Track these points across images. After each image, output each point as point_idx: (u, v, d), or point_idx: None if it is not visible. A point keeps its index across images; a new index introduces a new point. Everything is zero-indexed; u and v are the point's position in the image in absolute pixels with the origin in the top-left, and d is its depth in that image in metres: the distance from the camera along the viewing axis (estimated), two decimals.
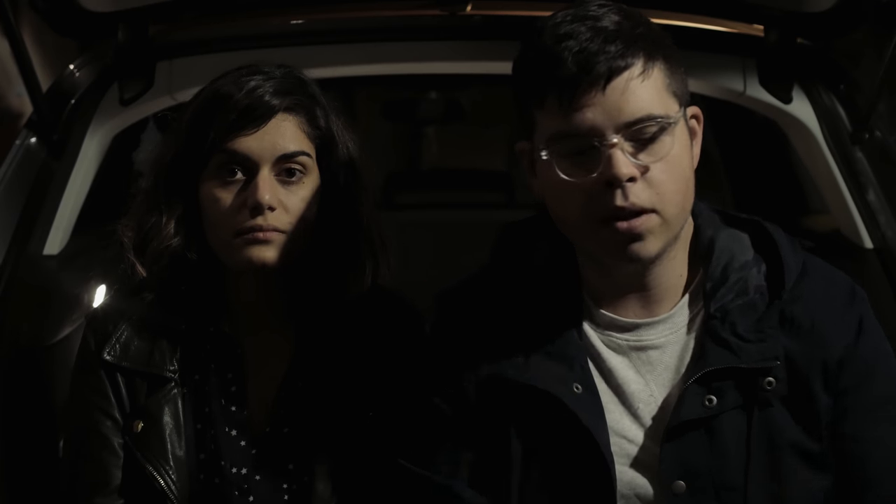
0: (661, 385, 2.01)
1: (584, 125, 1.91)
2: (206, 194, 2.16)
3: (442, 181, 4.62)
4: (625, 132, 1.91)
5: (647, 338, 2.03)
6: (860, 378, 2.00)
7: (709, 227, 2.06)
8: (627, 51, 1.90)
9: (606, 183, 1.91)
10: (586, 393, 1.99)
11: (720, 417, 1.97)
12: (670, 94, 1.94)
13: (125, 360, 2.21)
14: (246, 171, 2.14)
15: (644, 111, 1.91)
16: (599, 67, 1.89)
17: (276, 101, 2.14)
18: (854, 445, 1.99)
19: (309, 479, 2.17)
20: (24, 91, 2.89)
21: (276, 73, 2.19)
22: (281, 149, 2.14)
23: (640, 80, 1.91)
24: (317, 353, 2.22)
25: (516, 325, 2.04)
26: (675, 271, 2.03)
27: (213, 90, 2.18)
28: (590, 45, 1.90)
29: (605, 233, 1.93)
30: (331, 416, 2.18)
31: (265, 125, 2.13)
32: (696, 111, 2.03)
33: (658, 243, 1.95)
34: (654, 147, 1.92)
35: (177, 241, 2.18)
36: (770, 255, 2.04)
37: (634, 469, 2.00)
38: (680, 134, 1.95)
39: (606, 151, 1.90)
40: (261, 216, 2.12)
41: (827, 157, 2.96)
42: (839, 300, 2.03)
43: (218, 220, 2.15)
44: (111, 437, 2.20)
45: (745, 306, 2.00)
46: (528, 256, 2.09)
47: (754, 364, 1.97)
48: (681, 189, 1.94)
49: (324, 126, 2.19)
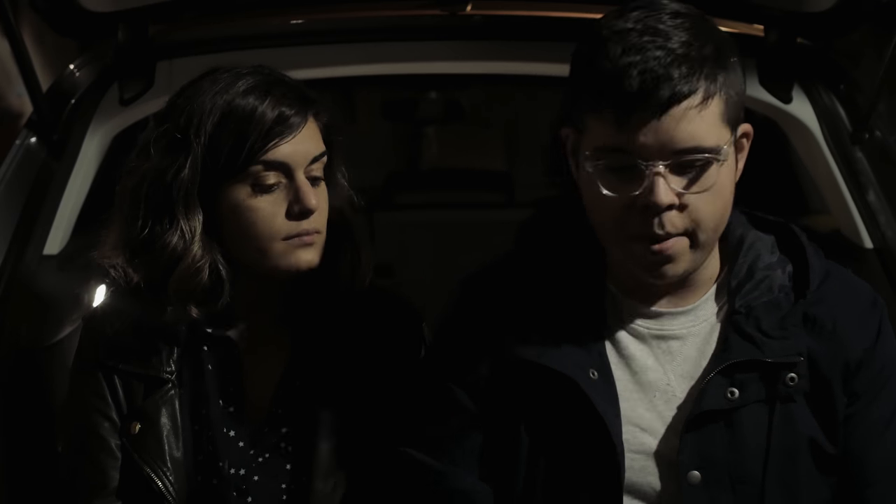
0: (679, 376, 2.02)
1: (634, 146, 1.90)
2: (238, 204, 2.13)
3: (442, 181, 4.63)
4: (672, 160, 1.90)
5: (670, 328, 2.03)
6: (873, 383, 2.02)
7: (738, 226, 2.07)
8: (692, 76, 1.88)
9: (644, 206, 1.91)
10: (601, 379, 1.99)
11: (741, 411, 1.98)
12: (724, 122, 1.93)
13: (122, 361, 2.21)
14: (281, 177, 2.13)
15: (695, 142, 1.90)
16: (662, 93, 1.87)
17: (303, 106, 2.14)
18: (857, 447, 2.00)
19: (307, 478, 2.17)
20: (24, 91, 2.89)
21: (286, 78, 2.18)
22: (313, 152, 2.15)
23: (698, 111, 1.90)
24: (313, 353, 2.22)
25: (538, 310, 2.04)
26: (705, 271, 2.04)
27: (230, 106, 2.13)
28: (657, 67, 1.87)
29: (636, 249, 1.95)
30: (328, 415, 2.18)
31: (302, 129, 2.13)
32: (747, 129, 2.01)
33: (686, 264, 1.96)
34: (699, 178, 1.92)
35: (205, 261, 2.14)
36: (795, 257, 2.06)
37: (647, 458, 2.00)
38: (728, 162, 1.95)
39: (651, 176, 1.90)
40: (307, 221, 2.13)
41: (827, 157, 2.96)
42: (860, 305, 2.05)
43: (257, 228, 2.13)
44: (109, 439, 2.20)
45: (769, 304, 2.01)
46: (555, 241, 2.09)
47: (777, 358, 1.98)
48: (717, 214, 1.95)
49: (327, 120, 2.20)
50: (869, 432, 2.01)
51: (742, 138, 2.01)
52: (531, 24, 3.05)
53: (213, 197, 2.15)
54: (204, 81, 2.17)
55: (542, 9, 3.03)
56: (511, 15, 3.05)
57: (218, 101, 2.14)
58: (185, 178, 2.12)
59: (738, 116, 1.98)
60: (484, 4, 3.03)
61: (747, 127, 2.02)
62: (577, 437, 1.99)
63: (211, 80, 2.17)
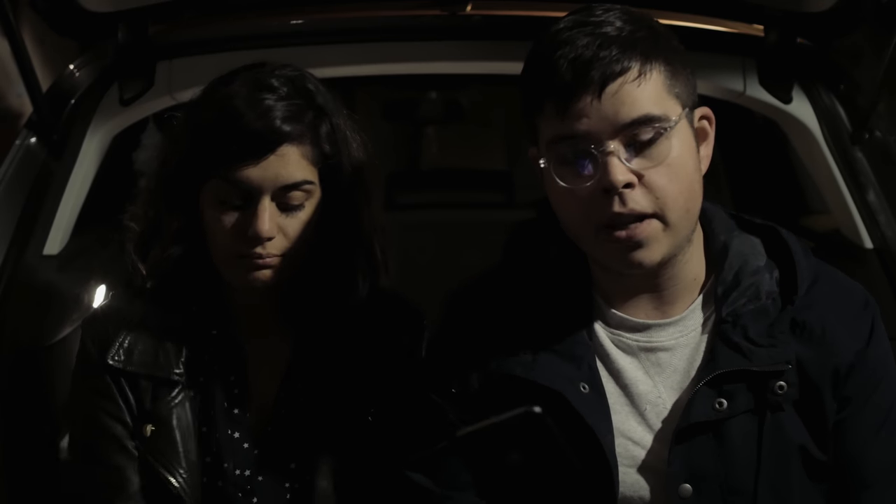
0: (669, 387, 2.01)
1: (579, 132, 1.90)
2: (206, 210, 2.14)
3: (442, 181, 4.62)
4: (621, 137, 1.90)
5: (658, 339, 2.02)
6: (865, 386, 2.00)
7: (722, 231, 2.05)
8: (623, 55, 1.89)
9: (604, 190, 1.90)
10: (592, 393, 1.98)
11: (729, 422, 1.96)
12: (671, 96, 1.93)
13: (130, 364, 2.19)
14: (246, 197, 2.11)
15: (637, 112, 1.89)
16: (593, 74, 1.88)
17: (285, 127, 2.09)
18: (852, 450, 1.99)
19: (311, 478, 2.17)
20: (24, 91, 2.89)
21: (284, 89, 2.13)
22: (283, 180, 2.11)
23: (637, 84, 1.90)
24: (316, 353, 2.21)
25: (525, 324, 2.03)
26: (689, 274, 2.02)
27: (224, 101, 2.12)
28: (585, 51, 1.89)
29: (606, 241, 1.93)
30: (332, 415, 2.18)
31: (271, 155, 2.09)
32: (706, 112, 2.01)
33: (662, 249, 1.94)
34: (653, 151, 1.91)
35: (177, 249, 2.17)
36: (783, 261, 2.04)
37: (639, 471, 1.99)
38: (683, 136, 1.93)
39: (603, 158, 1.89)
40: (260, 245, 2.11)
41: (827, 157, 2.96)
42: (852, 308, 2.03)
43: (218, 240, 2.14)
44: (125, 441, 2.18)
45: (757, 311, 1.99)
46: (540, 255, 2.08)
47: (765, 367, 1.96)
48: (683, 192, 1.93)
49: (328, 146, 2.16)
50: (863, 435, 2.00)
51: (703, 121, 2.00)
52: (531, 24, 3.04)
53: (195, 194, 2.15)
54: (221, 79, 2.18)
55: (543, 9, 3.03)
56: (511, 15, 3.05)
57: (220, 94, 2.14)
58: (171, 167, 2.16)
59: (690, 95, 1.97)
60: (484, 4, 3.03)
61: (706, 111, 2.01)
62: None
63: (227, 79, 2.16)
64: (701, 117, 2.00)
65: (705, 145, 2.00)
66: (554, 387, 1.97)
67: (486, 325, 2.06)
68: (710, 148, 2.01)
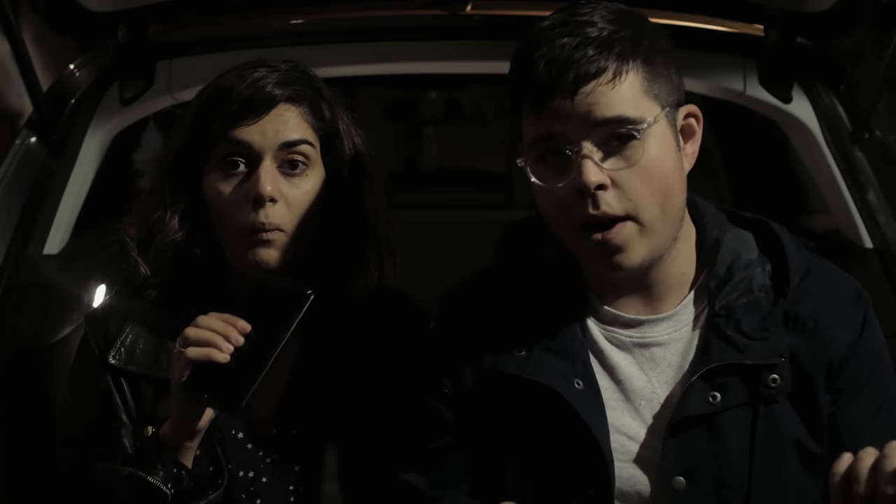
0: (663, 382, 2.02)
1: (555, 132, 1.91)
2: (209, 188, 2.15)
3: (442, 181, 4.62)
4: (595, 138, 1.91)
5: (651, 335, 2.03)
6: (859, 377, 2.01)
7: (714, 226, 2.06)
8: (599, 56, 1.90)
9: (578, 191, 1.91)
10: (587, 389, 1.99)
11: (722, 415, 1.97)
12: (649, 97, 1.93)
13: (131, 363, 2.19)
14: (248, 162, 2.13)
15: (610, 113, 1.90)
16: (567, 75, 1.89)
17: (278, 90, 2.13)
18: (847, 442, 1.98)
19: (316, 480, 2.16)
20: (24, 91, 2.89)
21: (280, 66, 2.18)
22: (283, 137, 2.13)
23: (612, 86, 1.90)
24: (322, 353, 2.21)
25: (519, 322, 2.04)
26: (677, 270, 2.03)
27: (216, 84, 2.17)
28: (562, 52, 1.90)
29: (585, 241, 1.94)
30: (337, 416, 2.17)
31: (267, 114, 2.13)
32: (693, 110, 2.01)
33: (641, 251, 1.95)
34: (627, 152, 1.91)
35: (181, 235, 2.17)
36: (775, 254, 2.04)
37: (634, 466, 2.00)
38: (660, 137, 1.94)
39: (577, 159, 1.90)
40: (262, 210, 2.11)
41: (827, 157, 2.97)
42: (844, 300, 2.03)
43: (222, 214, 2.14)
44: (124, 441, 2.16)
45: (749, 304, 2.00)
46: (533, 254, 2.09)
47: (758, 360, 1.97)
48: (657, 194, 1.93)
49: (328, 118, 2.19)
50: (857, 426, 2.00)
51: (689, 119, 2.00)
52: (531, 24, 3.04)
53: (197, 181, 2.16)
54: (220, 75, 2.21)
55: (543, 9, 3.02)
56: (511, 15, 3.05)
57: (212, 83, 2.18)
58: (171, 158, 2.17)
59: (672, 94, 1.97)
60: (484, 4, 3.03)
61: (692, 108, 2.01)
62: (566, 449, 1.98)
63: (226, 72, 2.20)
64: (687, 115, 2.00)
65: (691, 143, 2.01)
66: (549, 384, 1.98)
67: (480, 323, 2.07)
68: (696, 145, 2.02)
